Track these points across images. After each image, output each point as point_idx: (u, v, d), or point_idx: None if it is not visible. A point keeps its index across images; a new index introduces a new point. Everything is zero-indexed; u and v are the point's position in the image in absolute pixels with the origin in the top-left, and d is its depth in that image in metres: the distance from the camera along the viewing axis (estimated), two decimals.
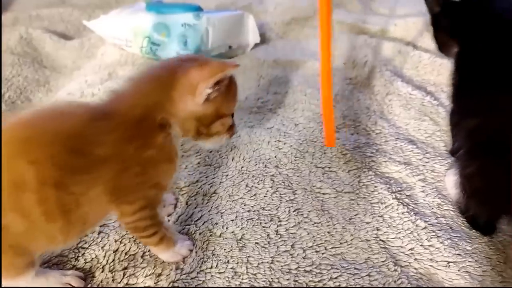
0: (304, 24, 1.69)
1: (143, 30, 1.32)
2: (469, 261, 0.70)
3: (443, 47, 0.91)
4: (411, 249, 0.73)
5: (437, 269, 0.70)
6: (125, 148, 0.56)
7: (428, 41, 1.41)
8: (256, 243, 0.74)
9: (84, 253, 0.71)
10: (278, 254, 0.72)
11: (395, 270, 0.69)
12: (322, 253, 0.72)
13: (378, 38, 1.48)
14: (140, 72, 0.63)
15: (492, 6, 0.82)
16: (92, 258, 0.70)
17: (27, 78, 1.29)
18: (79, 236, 0.64)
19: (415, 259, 0.72)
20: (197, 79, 0.58)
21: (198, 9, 1.36)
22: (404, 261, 0.71)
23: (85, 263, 0.69)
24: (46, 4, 1.86)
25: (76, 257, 0.70)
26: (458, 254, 0.71)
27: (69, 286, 0.64)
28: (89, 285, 0.66)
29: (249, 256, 0.71)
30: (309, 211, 0.80)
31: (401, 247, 0.74)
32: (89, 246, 0.72)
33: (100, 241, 0.73)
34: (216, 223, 0.77)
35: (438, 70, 1.25)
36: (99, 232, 0.74)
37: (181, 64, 0.61)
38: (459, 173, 0.78)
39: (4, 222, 0.51)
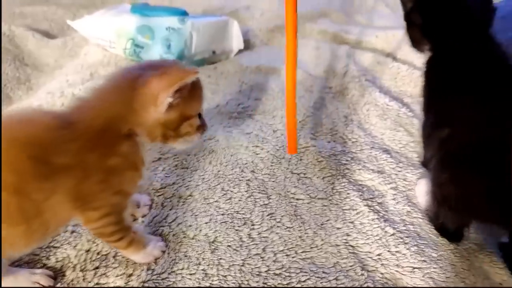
0: None
1: (127, 32, 1.32)
2: (434, 268, 0.73)
3: (415, 44, 0.89)
4: (378, 255, 0.75)
5: (403, 274, 0.72)
6: (88, 157, 0.56)
7: (407, 53, 1.45)
8: (228, 245, 0.75)
9: (55, 252, 0.71)
10: (249, 257, 0.73)
11: (362, 275, 0.71)
12: (293, 257, 0.74)
13: (358, 49, 1.51)
14: (104, 81, 0.62)
15: (466, 4, 0.80)
16: (64, 257, 0.70)
17: (8, 76, 1.29)
18: (42, 241, 0.64)
19: (382, 264, 0.74)
20: (157, 89, 0.58)
21: (183, 13, 1.37)
22: (371, 266, 0.74)
23: (57, 262, 0.69)
24: (30, 2, 1.86)
25: (47, 256, 0.71)
26: (423, 260, 0.74)
27: (38, 285, 0.65)
28: (59, 284, 0.66)
29: (220, 259, 0.72)
30: (282, 216, 0.82)
31: (369, 252, 0.76)
32: (61, 245, 0.72)
33: (73, 240, 0.73)
34: (190, 225, 0.78)
35: (415, 82, 1.29)
36: (72, 232, 0.75)
37: (141, 73, 0.60)
38: (431, 181, 0.79)
39: None
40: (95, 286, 0.66)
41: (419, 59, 1.33)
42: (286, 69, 0.86)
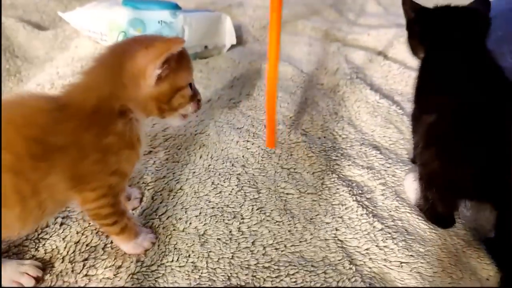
0: (281, 29, 1.72)
1: (118, 25, 1.31)
2: (421, 263, 0.74)
3: (414, 51, 0.98)
4: (367, 249, 0.76)
5: (390, 268, 0.73)
6: (83, 136, 0.57)
7: (398, 51, 1.46)
8: (218, 239, 0.75)
9: (44, 244, 0.71)
10: (238, 250, 0.73)
11: (350, 269, 0.72)
12: (282, 251, 0.75)
13: (350, 46, 1.52)
14: (91, 61, 0.62)
15: (456, 16, 0.90)
16: (53, 249, 0.70)
17: None
18: (37, 223, 0.64)
19: (370, 258, 0.74)
20: (144, 62, 0.58)
21: (175, 7, 1.36)
22: (360, 260, 0.74)
23: (45, 253, 0.69)
24: None
25: (36, 247, 0.70)
26: (411, 255, 0.75)
27: (26, 275, 0.64)
28: (47, 276, 0.66)
29: (210, 251, 0.73)
30: (271, 210, 0.82)
31: (358, 247, 0.77)
32: (50, 236, 0.72)
33: (62, 232, 0.73)
34: (180, 218, 0.78)
35: (406, 81, 1.30)
36: (61, 224, 0.74)
37: (127, 48, 0.61)
38: (418, 164, 0.84)
39: None
40: (84, 277, 0.66)
41: (410, 58, 1.35)
42: (268, 65, 0.88)
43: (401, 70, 1.34)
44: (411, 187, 0.87)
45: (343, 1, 2.12)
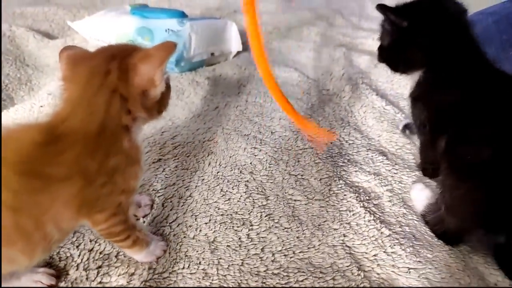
0: (286, 35, 1.74)
1: (126, 34, 1.34)
2: (429, 268, 0.74)
3: (407, 66, 0.87)
4: (375, 255, 0.77)
5: (399, 274, 0.74)
6: (88, 163, 0.55)
7: None
8: (228, 245, 0.77)
9: (59, 252, 0.72)
10: (248, 257, 0.75)
11: (358, 275, 0.73)
12: (290, 257, 0.76)
13: (356, 51, 1.53)
14: (73, 77, 0.59)
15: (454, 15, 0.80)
16: (67, 257, 0.71)
17: (9, 76, 1.29)
18: (46, 253, 0.63)
19: (378, 264, 0.75)
20: (151, 70, 0.59)
21: (182, 15, 1.39)
22: (368, 266, 0.75)
23: (60, 261, 0.71)
24: (31, 2, 1.87)
25: (50, 255, 0.72)
26: (419, 261, 0.75)
27: (40, 283, 0.65)
28: (62, 282, 0.68)
29: (220, 258, 0.74)
30: (280, 217, 0.83)
31: (366, 253, 0.78)
32: (64, 245, 0.73)
33: (75, 240, 0.74)
34: (190, 226, 0.80)
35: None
36: (75, 232, 0.76)
37: (110, 66, 0.58)
38: (442, 187, 0.79)
39: None
40: (98, 285, 0.67)
41: None
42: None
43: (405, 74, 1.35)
44: (418, 197, 0.88)
45: (347, 6, 2.14)
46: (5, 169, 0.51)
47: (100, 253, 0.72)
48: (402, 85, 1.32)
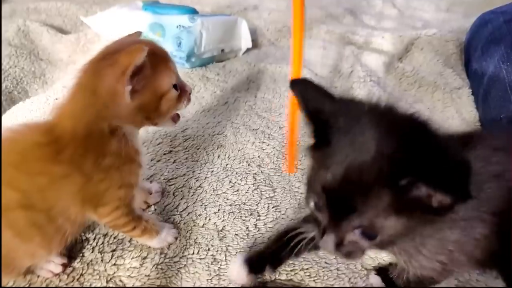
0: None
1: (139, 29, 1.36)
2: None
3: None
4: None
5: None
6: (82, 162, 0.57)
7: (412, 54, 1.49)
8: (236, 234, 0.79)
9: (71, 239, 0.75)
10: (255, 245, 0.77)
11: (362, 271, 0.74)
12: None
13: (365, 50, 1.55)
14: (73, 80, 0.60)
15: None
16: (83, 240, 0.75)
17: (24, 70, 1.33)
18: (63, 245, 0.65)
19: (379, 263, 0.76)
20: (113, 81, 0.55)
21: (193, 12, 1.41)
22: (369, 265, 0.76)
23: (76, 243, 0.74)
24: None
25: None
26: None
27: (53, 262, 0.69)
28: (78, 263, 0.71)
29: (228, 246, 0.76)
30: (286, 209, 0.86)
31: None
32: None
33: (91, 225, 0.77)
34: (200, 215, 0.82)
35: (420, 83, 1.33)
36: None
37: (97, 66, 0.58)
38: None
39: None
40: (112, 266, 0.70)
41: (424, 61, 1.37)
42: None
43: (414, 72, 1.37)
44: None
45: (358, 4, 2.15)
46: (13, 171, 0.54)
47: (114, 237, 0.75)
48: (411, 83, 1.34)
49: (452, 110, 1.22)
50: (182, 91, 0.66)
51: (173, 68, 0.64)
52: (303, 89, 0.55)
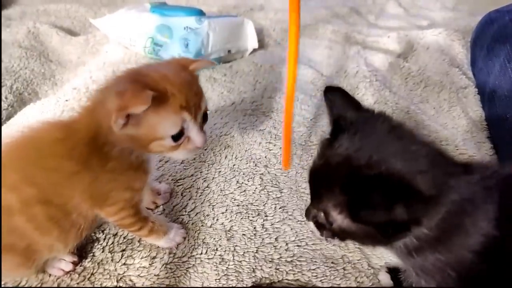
0: (302, 32, 1.75)
1: (146, 31, 1.38)
2: None
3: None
4: (381, 252, 0.79)
5: None
6: (90, 161, 0.59)
7: (418, 53, 1.49)
8: (243, 234, 0.80)
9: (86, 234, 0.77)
10: (262, 245, 0.79)
11: (368, 269, 0.75)
12: (304, 248, 0.79)
13: (370, 49, 1.55)
14: (104, 84, 0.61)
15: None
16: (94, 240, 0.76)
17: (34, 71, 1.35)
18: (78, 239, 0.67)
19: (386, 262, 0.77)
20: (112, 107, 0.54)
21: (200, 13, 1.42)
22: (375, 264, 0.77)
23: (87, 243, 0.76)
24: None
25: None
26: None
27: (64, 261, 0.72)
28: (89, 262, 0.72)
29: (236, 246, 0.78)
30: (293, 209, 0.87)
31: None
32: None
33: (101, 225, 0.79)
34: (208, 215, 0.84)
35: (426, 83, 1.33)
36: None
37: (119, 81, 0.59)
38: None
39: (9, 242, 0.59)
40: (122, 266, 0.72)
41: (430, 60, 1.37)
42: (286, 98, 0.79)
43: (420, 72, 1.37)
44: None
45: (363, 3, 2.15)
46: (30, 167, 0.58)
47: (124, 238, 0.77)
48: (417, 82, 1.34)
49: (458, 110, 1.22)
50: (186, 142, 0.62)
51: (181, 120, 0.59)
52: (333, 96, 0.63)
